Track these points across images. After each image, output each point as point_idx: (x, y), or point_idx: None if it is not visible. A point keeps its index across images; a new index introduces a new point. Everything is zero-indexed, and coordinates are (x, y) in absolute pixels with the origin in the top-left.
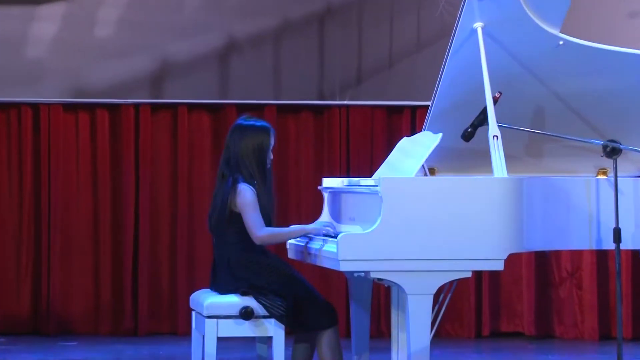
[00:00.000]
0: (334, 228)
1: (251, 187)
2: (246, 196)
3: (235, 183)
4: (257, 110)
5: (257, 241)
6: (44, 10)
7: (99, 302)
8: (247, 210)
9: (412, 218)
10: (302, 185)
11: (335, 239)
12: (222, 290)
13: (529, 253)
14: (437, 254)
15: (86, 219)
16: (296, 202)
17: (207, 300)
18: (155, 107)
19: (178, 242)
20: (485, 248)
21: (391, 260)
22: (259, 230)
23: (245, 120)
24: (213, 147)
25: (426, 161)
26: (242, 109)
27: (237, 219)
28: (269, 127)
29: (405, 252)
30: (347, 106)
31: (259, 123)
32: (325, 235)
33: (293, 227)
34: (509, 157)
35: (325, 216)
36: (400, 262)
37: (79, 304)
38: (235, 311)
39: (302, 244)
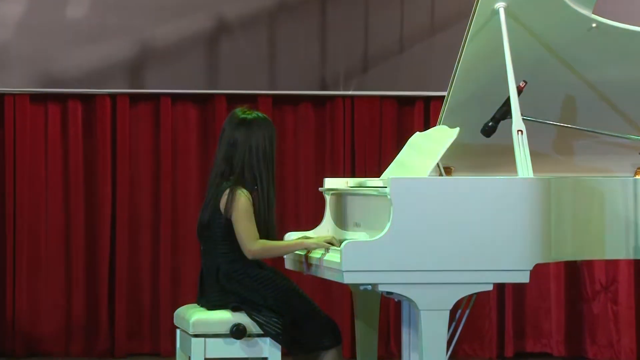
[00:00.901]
0: (338, 243)
1: (248, 193)
2: (241, 203)
3: (235, 186)
4: (250, 101)
5: (249, 255)
6: None
7: (71, 319)
8: (240, 220)
9: (426, 223)
10: (300, 187)
11: (338, 248)
12: (211, 306)
13: (558, 263)
14: (454, 264)
15: (56, 225)
16: (294, 206)
17: (194, 316)
18: (134, 98)
19: (161, 251)
20: (508, 258)
21: (402, 272)
22: (252, 244)
23: (247, 113)
24: (200, 143)
25: (441, 159)
26: (233, 100)
27: (229, 226)
28: (271, 121)
29: (418, 262)
30: (352, 97)
31: (262, 115)
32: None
33: (290, 241)
34: (535, 155)
35: (327, 221)
36: (412, 273)
37: (48, 322)
38: (225, 329)
39: (301, 253)
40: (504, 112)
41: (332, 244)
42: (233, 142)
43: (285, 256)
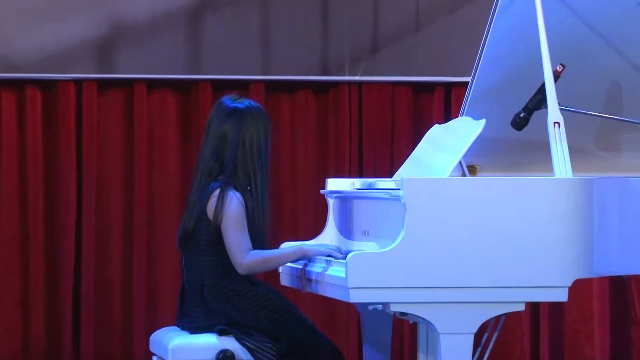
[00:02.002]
0: (343, 253)
1: (240, 196)
2: (233, 208)
3: (225, 187)
4: (239, 88)
5: (240, 269)
6: None
7: (29, 343)
8: (231, 227)
9: (447, 232)
10: (299, 189)
11: (343, 260)
12: (194, 328)
13: (602, 279)
14: (479, 279)
15: (11, 232)
16: (291, 211)
17: (173, 341)
18: (103, 85)
19: (134, 264)
20: (543, 272)
21: (418, 289)
22: (244, 256)
23: (238, 101)
24: (181, 137)
25: (464, 156)
26: (219, 87)
27: (218, 234)
28: (266, 112)
29: (437, 278)
30: (360, 83)
31: (255, 104)
32: (329, 255)
33: (287, 248)
34: (575, 151)
35: (329, 230)
36: (431, 290)
37: (2, 345)
38: (210, 356)
39: (299, 267)
40: (538, 101)
41: (335, 256)
42: (222, 135)
43: (281, 271)
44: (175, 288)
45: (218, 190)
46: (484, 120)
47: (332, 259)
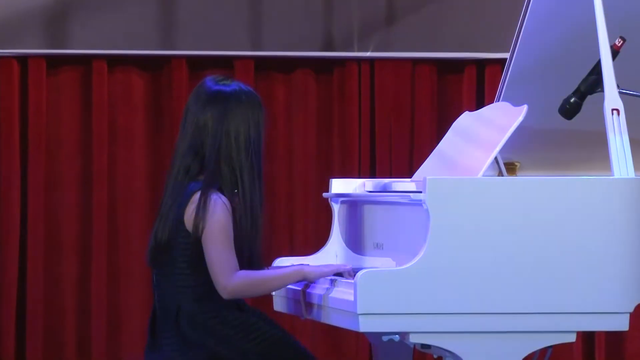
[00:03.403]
0: (352, 271)
1: (227, 200)
2: (217, 216)
3: (208, 190)
4: (222, 66)
5: (224, 293)
6: None
7: None
8: (214, 240)
9: (480, 246)
10: (295, 192)
11: (351, 280)
12: None
13: None
14: (520, 304)
15: None
16: (286, 221)
17: None
18: (54, 62)
19: (92, 284)
20: (599, 295)
21: (444, 315)
22: (229, 277)
23: (223, 83)
24: (150, 126)
25: (501, 151)
26: (197, 65)
27: (198, 247)
28: (258, 97)
29: (468, 302)
30: (372, 61)
31: (245, 88)
32: (336, 275)
33: (283, 269)
34: (637, 145)
35: (335, 242)
36: (460, 317)
37: None
38: None
39: (298, 289)
40: (593, 83)
41: (342, 274)
42: (203, 124)
43: (274, 293)
44: (144, 314)
45: (199, 193)
46: (525, 107)
47: (338, 277)
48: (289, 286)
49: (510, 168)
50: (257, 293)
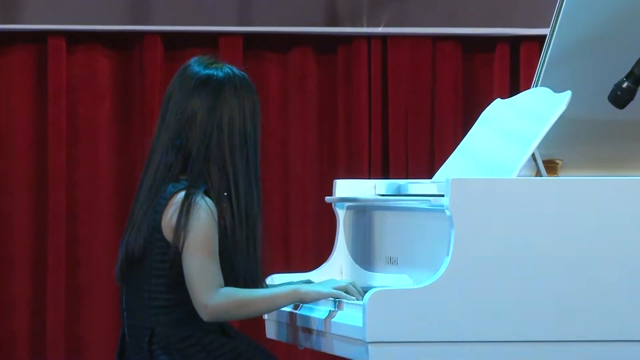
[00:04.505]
0: (360, 290)
1: (213, 204)
2: (201, 223)
3: (191, 192)
4: (205, 45)
5: (204, 314)
6: None
7: None
8: (193, 252)
9: (515, 260)
10: (293, 195)
11: (359, 301)
12: None
13: None
14: (567, 329)
15: None
16: (281, 229)
17: None
18: (3, 39)
19: (49, 304)
20: None
21: (471, 344)
22: (210, 295)
23: (214, 67)
24: (118, 115)
25: (540, 147)
26: (174, 43)
27: (177, 260)
28: (253, 84)
29: (503, 327)
30: (384, 38)
31: (239, 73)
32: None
33: (276, 288)
34: None
35: (339, 255)
36: (492, 346)
37: None
38: None
39: (294, 312)
40: None
41: (348, 294)
42: (190, 115)
43: (266, 317)
44: (110, 340)
45: (181, 195)
46: (569, 93)
47: (342, 298)
48: (284, 309)
49: (551, 167)
50: (244, 315)
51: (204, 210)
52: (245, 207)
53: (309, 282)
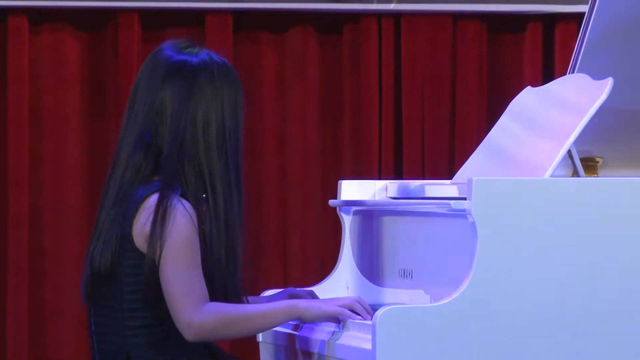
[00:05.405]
0: (368, 308)
1: (191, 207)
2: (179, 229)
3: (166, 194)
4: (188, 24)
5: (188, 333)
6: None
7: None
8: (174, 262)
9: (548, 272)
10: (291, 198)
11: (367, 321)
12: None
13: None
14: (607, 352)
15: None
16: (278, 237)
17: None
18: None
19: (8, 325)
20: None
21: None
22: (194, 310)
23: (188, 52)
24: (87, 105)
25: (577, 142)
26: (152, 22)
27: (153, 274)
28: (235, 72)
29: (535, 351)
30: (397, 16)
31: (218, 59)
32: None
33: (272, 303)
34: None
35: (345, 268)
36: None
37: None
38: None
39: (292, 332)
40: None
41: (355, 310)
42: (160, 107)
43: (260, 339)
44: None
45: (154, 199)
46: (610, 80)
47: (348, 317)
48: (280, 329)
49: (590, 165)
50: (234, 334)
51: (182, 214)
52: (225, 213)
53: (312, 294)
